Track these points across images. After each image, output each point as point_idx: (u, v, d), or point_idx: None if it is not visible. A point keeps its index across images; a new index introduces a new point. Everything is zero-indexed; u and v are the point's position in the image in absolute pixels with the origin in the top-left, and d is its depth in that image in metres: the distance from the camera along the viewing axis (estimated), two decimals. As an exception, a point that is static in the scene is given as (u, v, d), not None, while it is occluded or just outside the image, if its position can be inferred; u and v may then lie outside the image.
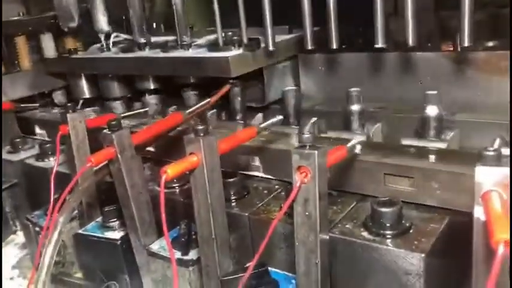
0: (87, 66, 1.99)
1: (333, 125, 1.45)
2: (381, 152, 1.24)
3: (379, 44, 1.27)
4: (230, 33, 1.58)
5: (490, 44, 1.38)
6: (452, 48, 1.38)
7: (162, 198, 0.99)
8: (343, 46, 1.45)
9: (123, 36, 1.98)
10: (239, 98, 1.62)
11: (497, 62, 1.27)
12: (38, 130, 2.10)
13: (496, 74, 1.27)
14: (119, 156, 1.21)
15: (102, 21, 1.90)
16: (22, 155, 1.95)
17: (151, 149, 1.57)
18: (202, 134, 1.05)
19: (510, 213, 0.74)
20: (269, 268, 1.15)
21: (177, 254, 1.23)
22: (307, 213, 0.96)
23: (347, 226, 1.15)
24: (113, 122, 1.21)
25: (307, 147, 0.94)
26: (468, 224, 1.12)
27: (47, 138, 2.04)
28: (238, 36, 1.56)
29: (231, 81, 1.58)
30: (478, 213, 0.78)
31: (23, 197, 1.92)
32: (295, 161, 0.94)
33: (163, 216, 1.00)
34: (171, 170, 0.99)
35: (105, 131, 1.22)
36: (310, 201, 0.95)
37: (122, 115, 1.60)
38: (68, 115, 1.41)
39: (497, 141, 0.96)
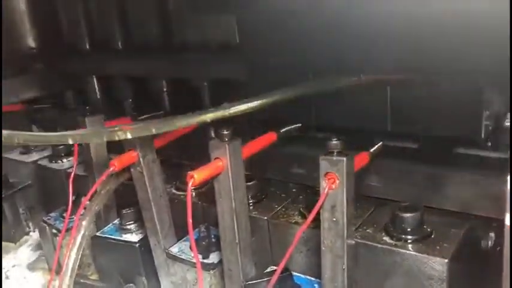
0: (98, 68, 2.00)
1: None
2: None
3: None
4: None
5: None
6: None
7: (189, 203, 1.00)
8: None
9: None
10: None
11: None
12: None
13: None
14: (141, 160, 1.22)
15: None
16: (34, 156, 1.96)
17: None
18: (227, 139, 1.06)
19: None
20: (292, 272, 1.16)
21: (198, 257, 1.24)
22: (334, 219, 0.97)
23: (368, 231, 1.17)
24: (135, 126, 1.21)
25: (335, 153, 0.95)
26: (488, 230, 1.15)
27: (59, 139, 2.04)
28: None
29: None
30: (510, 221, 0.79)
31: (36, 198, 1.93)
32: (324, 168, 0.95)
33: (189, 220, 1.01)
34: (197, 175, 1.00)
35: (127, 134, 1.23)
36: (337, 208, 0.96)
37: (138, 118, 1.60)
38: (87, 118, 1.42)
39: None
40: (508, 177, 0.79)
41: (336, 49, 1.23)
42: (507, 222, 0.79)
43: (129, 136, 0.98)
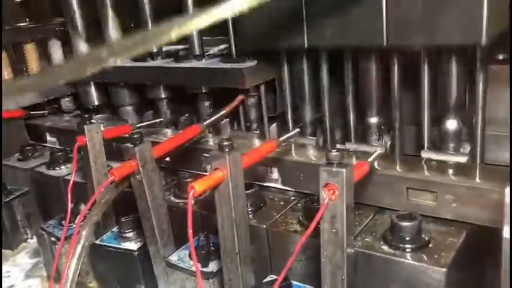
0: (97, 75, 1.98)
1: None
2: (402, 165, 1.27)
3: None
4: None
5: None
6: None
7: (189, 213, 1.00)
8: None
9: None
10: (253, 108, 1.63)
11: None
12: (48, 138, 2.09)
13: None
14: (141, 169, 1.23)
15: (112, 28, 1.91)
16: (32, 163, 1.96)
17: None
18: (227, 150, 1.06)
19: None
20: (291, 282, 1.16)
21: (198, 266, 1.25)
22: (334, 230, 0.98)
23: (366, 239, 1.18)
24: (135, 136, 1.22)
25: (335, 164, 0.96)
26: (485, 238, 1.16)
27: (57, 146, 2.04)
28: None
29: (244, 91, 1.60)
30: (507, 233, 0.80)
31: (33, 205, 1.92)
32: (323, 179, 0.95)
33: (189, 231, 1.01)
34: (198, 186, 1.01)
35: (126, 144, 1.23)
36: (337, 218, 0.96)
37: (137, 125, 1.61)
38: (86, 126, 1.42)
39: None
40: (507, 189, 0.81)
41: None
42: (505, 234, 0.81)
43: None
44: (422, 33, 1.08)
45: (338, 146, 1.44)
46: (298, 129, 1.37)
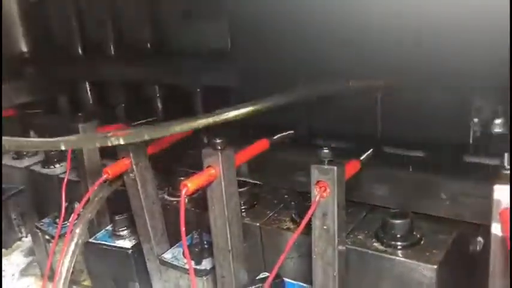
0: (90, 73, 2.00)
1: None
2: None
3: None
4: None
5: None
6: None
7: (182, 211, 1.01)
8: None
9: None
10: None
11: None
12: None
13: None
14: (134, 167, 1.23)
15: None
16: (26, 161, 1.96)
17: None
18: (220, 148, 1.07)
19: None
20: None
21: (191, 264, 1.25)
22: (325, 227, 0.98)
23: (359, 237, 1.18)
24: (128, 134, 1.22)
25: (326, 162, 0.96)
26: (476, 236, 1.17)
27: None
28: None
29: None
30: (496, 229, 0.81)
31: (28, 203, 1.92)
32: (315, 176, 0.96)
33: (182, 229, 1.02)
34: (191, 184, 1.01)
35: (120, 142, 1.23)
36: (328, 215, 0.97)
37: (132, 124, 1.61)
38: (80, 125, 1.42)
39: (507, 157, 0.98)
40: (495, 186, 0.82)
41: (326, 54, 1.25)
42: (493, 230, 0.82)
43: (122, 142, 0.99)
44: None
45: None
46: (291, 131, 1.37)
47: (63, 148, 1.08)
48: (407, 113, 1.20)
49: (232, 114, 1.04)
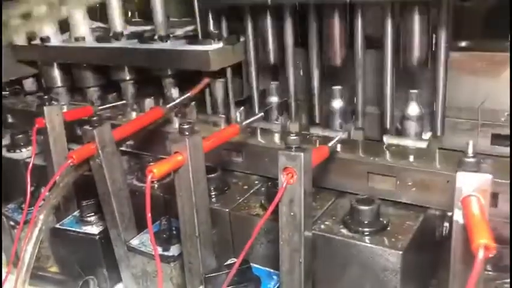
0: (59, 55, 1.94)
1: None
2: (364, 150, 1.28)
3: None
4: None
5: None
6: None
7: (148, 197, 1.00)
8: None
9: (97, 24, 1.94)
10: (220, 92, 1.61)
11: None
12: (10, 120, 2.03)
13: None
14: (100, 152, 1.20)
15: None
16: (-9, 145, 1.90)
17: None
18: (187, 133, 1.05)
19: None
20: (251, 264, 1.17)
21: (158, 250, 1.24)
22: (292, 213, 0.98)
23: (326, 223, 1.19)
24: (94, 118, 1.20)
25: (293, 148, 0.96)
26: (441, 222, 1.19)
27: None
28: (217, 29, 1.56)
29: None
30: (458, 216, 0.82)
31: (-7, 188, 1.87)
32: (282, 163, 0.95)
33: (148, 215, 1.01)
34: (157, 170, 1.00)
35: (85, 126, 1.21)
36: (295, 202, 0.97)
37: (100, 108, 1.57)
38: (45, 108, 1.38)
39: (471, 145, 0.99)
40: (458, 173, 0.82)
41: None
42: (455, 217, 0.83)
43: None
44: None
45: (304, 132, 1.44)
46: (262, 114, 1.36)
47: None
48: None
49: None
